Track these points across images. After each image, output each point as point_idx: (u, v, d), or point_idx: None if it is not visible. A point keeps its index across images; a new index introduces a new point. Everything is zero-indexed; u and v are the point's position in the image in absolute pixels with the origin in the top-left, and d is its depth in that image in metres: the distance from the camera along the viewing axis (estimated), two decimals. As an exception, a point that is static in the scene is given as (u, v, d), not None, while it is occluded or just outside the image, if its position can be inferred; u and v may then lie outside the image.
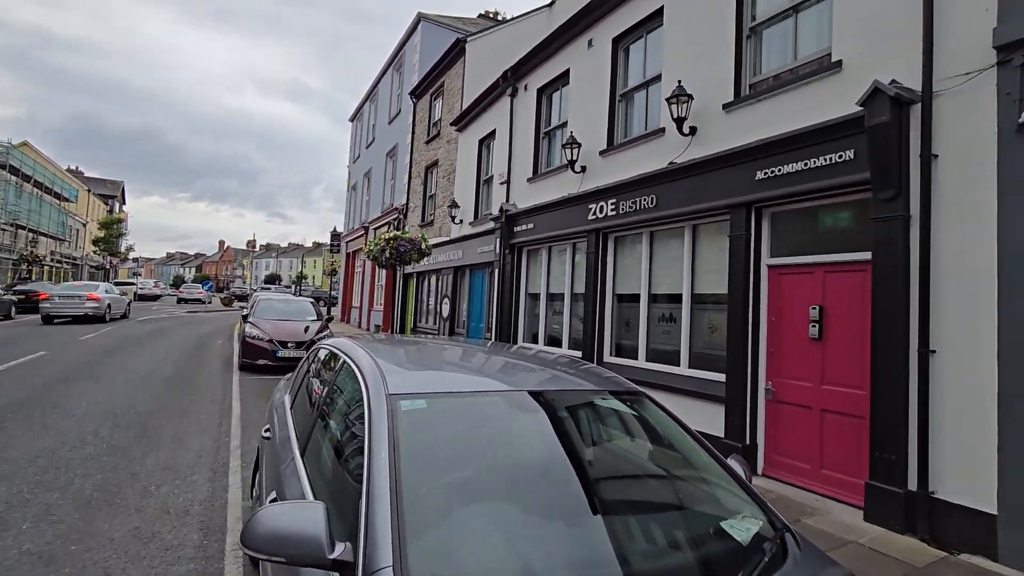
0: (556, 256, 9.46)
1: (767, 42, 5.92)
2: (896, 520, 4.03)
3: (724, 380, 5.65)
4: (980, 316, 3.80)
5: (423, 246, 11.14)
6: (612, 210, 7.53)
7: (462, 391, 2.13)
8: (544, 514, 1.69)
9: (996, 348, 3.69)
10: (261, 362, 10.06)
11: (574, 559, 1.54)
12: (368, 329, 21.08)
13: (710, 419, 5.75)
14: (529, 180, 10.07)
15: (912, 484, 4.02)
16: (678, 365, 6.48)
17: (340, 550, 1.37)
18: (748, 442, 5.37)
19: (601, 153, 8.04)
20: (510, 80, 10.90)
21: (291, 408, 3.15)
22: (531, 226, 9.66)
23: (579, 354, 8.01)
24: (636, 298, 7.32)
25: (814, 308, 4.99)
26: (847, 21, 4.90)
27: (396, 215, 18.74)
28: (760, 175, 5.42)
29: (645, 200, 6.95)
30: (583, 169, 8.37)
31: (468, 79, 14.29)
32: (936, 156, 4.14)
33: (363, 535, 1.40)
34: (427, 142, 16.83)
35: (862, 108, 4.39)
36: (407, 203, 18.12)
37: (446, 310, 13.53)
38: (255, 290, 51.60)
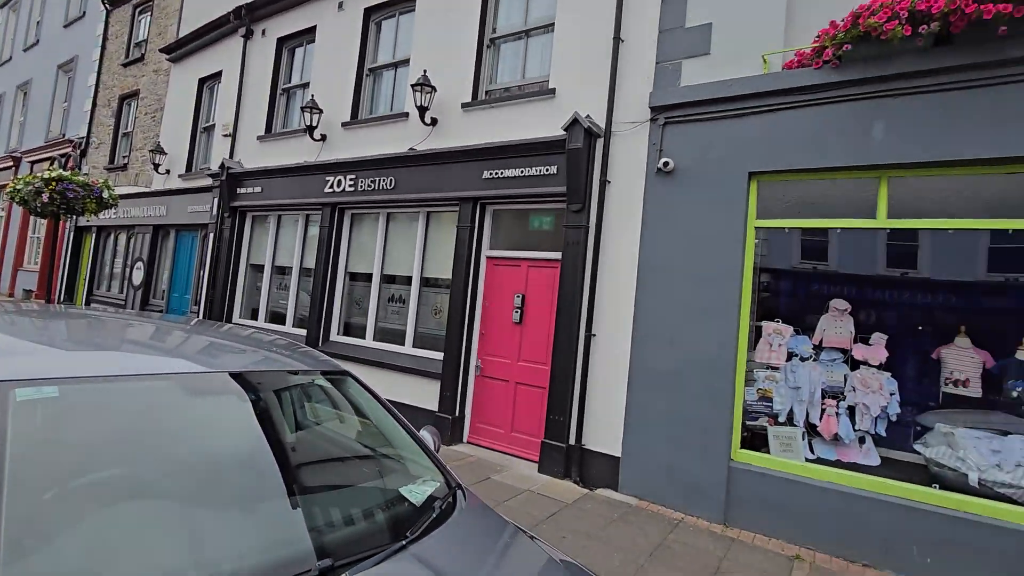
0: (287, 226, 8.71)
1: (503, 56, 6.57)
2: (559, 469, 5.05)
3: (442, 359, 6.12)
4: (623, 307, 5.01)
5: (106, 195, 8.80)
6: (351, 186, 7.32)
7: (123, 375, 1.73)
8: (235, 504, 1.60)
9: (631, 332, 4.93)
10: None
11: (264, 544, 1.50)
12: (13, 295, 15.78)
13: (429, 395, 6.17)
14: (260, 138, 8.99)
15: (572, 440, 5.09)
16: (403, 345, 6.74)
17: None
18: (457, 414, 5.96)
19: (344, 125, 7.71)
20: (244, 19, 9.49)
21: None
22: (259, 190, 8.66)
23: (304, 333, 7.59)
24: (369, 277, 7.31)
25: (518, 296, 5.82)
26: (563, 57, 5.80)
27: (69, 150, 14.42)
28: (487, 174, 6.01)
29: (384, 181, 6.97)
30: (323, 138, 7.89)
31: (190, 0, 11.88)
32: (609, 182, 5.27)
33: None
34: (125, 65, 13.39)
35: (565, 132, 5.28)
36: (88, 137, 14.13)
37: (138, 277, 11.09)
38: None
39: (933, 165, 3.92)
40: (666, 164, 4.85)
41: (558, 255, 5.52)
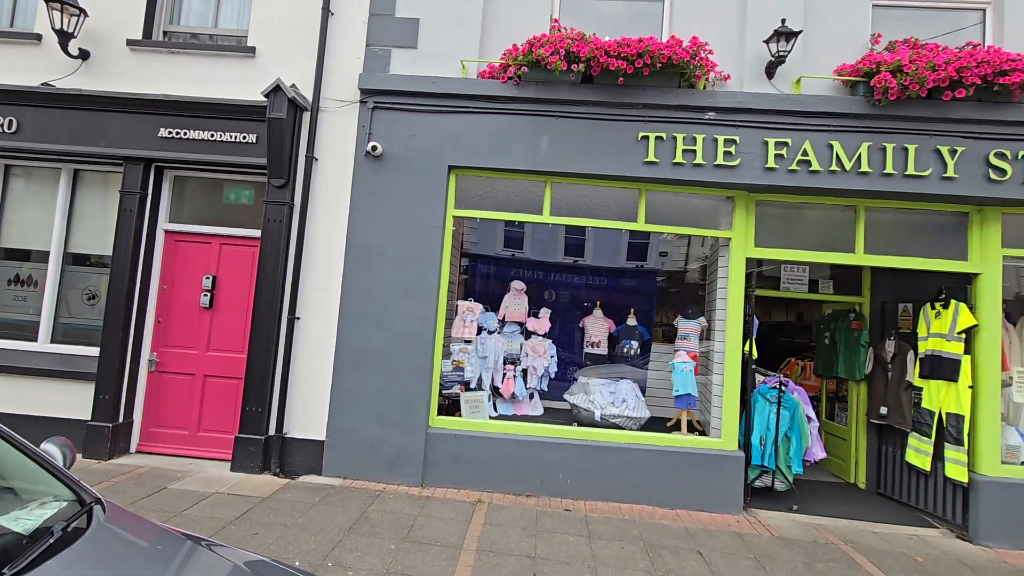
0: None
1: (190, -6, 5.57)
2: (256, 464, 4.67)
3: (99, 355, 4.93)
4: (330, 288, 4.92)
5: None
6: (-64, 120, 5.15)
7: None
8: None
9: (338, 312, 4.88)
10: None
11: None
12: None
13: (78, 402, 4.89)
14: None
15: (272, 430, 4.77)
16: (36, 341, 5.16)
17: None
18: (122, 420, 4.91)
19: (-79, 29, 5.36)
20: None
21: None
22: None
23: None
24: (-27, 251, 5.32)
25: (208, 278, 5.09)
26: (267, 15, 5.24)
27: None
28: (165, 132, 5.04)
29: (2, 122, 5.14)
30: None
31: None
32: (317, 159, 5.05)
33: None
34: None
35: (266, 99, 4.82)
36: None
37: None
38: None
39: (581, 176, 4.99)
40: (374, 148, 4.92)
41: (258, 233, 5.04)
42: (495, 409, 5.19)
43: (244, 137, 5.02)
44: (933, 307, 4.90)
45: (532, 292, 5.83)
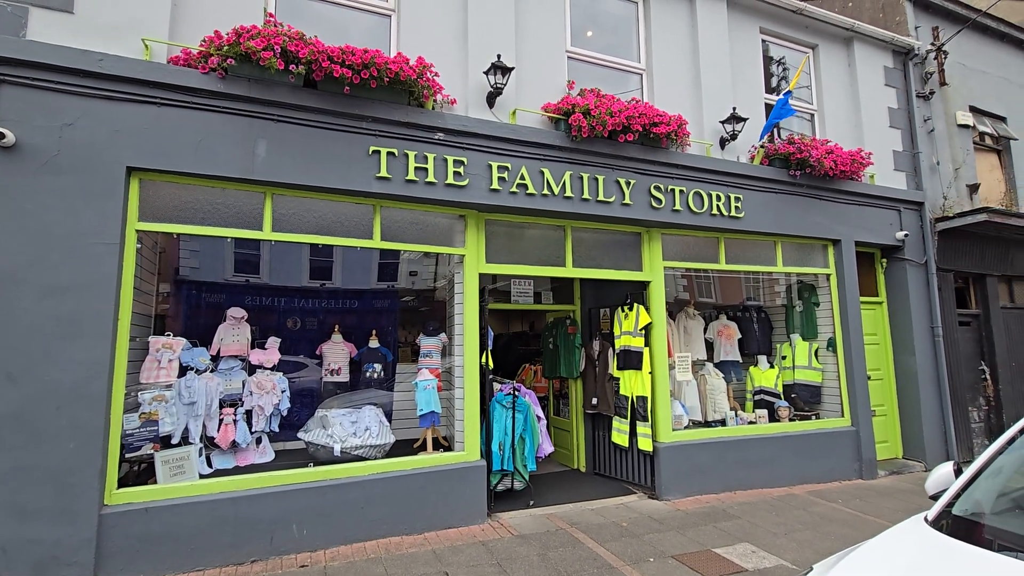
0: None
1: None
2: None
3: None
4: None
5: None
6: None
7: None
8: None
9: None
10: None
11: None
12: None
13: None
14: None
15: None
16: None
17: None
18: None
19: None
20: None
21: None
22: None
23: None
24: None
25: None
26: None
27: None
28: None
29: None
30: None
31: None
32: None
33: None
34: None
35: None
36: None
37: None
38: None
39: (309, 189, 4.53)
40: (1, 136, 3.58)
41: None
42: (209, 465, 4.29)
43: None
44: (623, 310, 5.94)
45: (262, 320, 5.08)
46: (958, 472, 2.50)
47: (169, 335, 4.28)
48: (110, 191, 3.87)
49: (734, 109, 6.21)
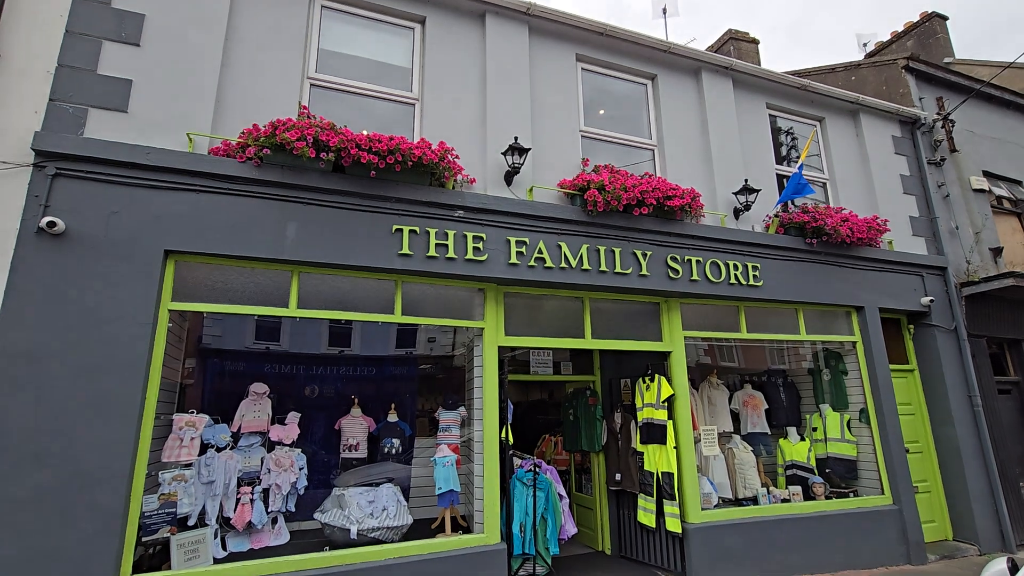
0: None
1: None
2: None
3: None
4: None
5: None
6: None
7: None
8: None
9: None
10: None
11: None
12: None
13: None
14: None
15: None
16: None
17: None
18: None
19: None
20: None
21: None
22: None
23: None
24: None
25: None
26: None
27: None
28: None
29: None
30: None
31: None
32: (-50, 234, 3.69)
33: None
34: None
35: None
36: None
37: None
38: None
39: (334, 266, 4.69)
40: (52, 224, 3.83)
41: None
42: (224, 547, 4.19)
43: None
44: (644, 381, 5.85)
45: (283, 391, 5.12)
46: (1013, 570, 2.33)
47: (192, 412, 4.32)
48: (148, 273, 4.06)
49: (746, 181, 6.35)
